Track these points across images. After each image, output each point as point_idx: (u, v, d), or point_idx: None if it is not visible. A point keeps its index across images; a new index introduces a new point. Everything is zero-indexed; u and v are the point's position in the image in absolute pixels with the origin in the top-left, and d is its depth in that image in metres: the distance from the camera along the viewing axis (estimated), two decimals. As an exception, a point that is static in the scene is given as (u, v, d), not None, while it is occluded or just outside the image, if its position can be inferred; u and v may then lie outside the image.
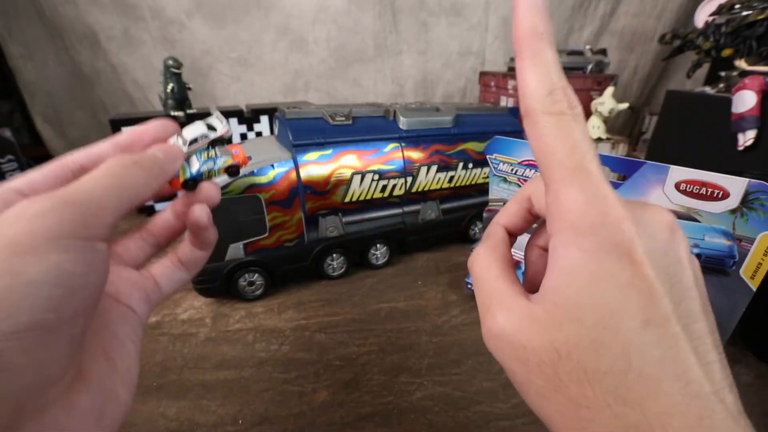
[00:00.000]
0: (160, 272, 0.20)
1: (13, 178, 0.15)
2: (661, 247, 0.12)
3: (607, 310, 0.11)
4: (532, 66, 0.13)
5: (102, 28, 0.79)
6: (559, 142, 0.12)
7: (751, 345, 0.38)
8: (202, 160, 0.20)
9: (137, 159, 0.15)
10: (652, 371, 0.10)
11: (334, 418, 0.31)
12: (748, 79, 0.47)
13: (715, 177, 0.31)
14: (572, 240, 0.12)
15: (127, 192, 0.14)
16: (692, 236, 0.33)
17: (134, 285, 0.18)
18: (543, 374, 0.12)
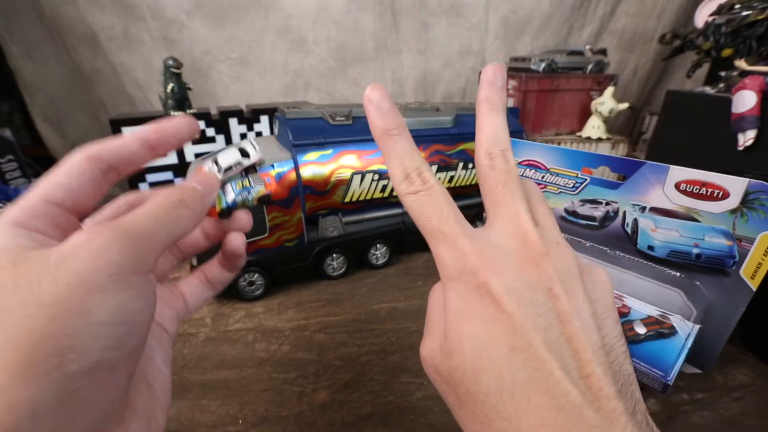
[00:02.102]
0: (189, 290, 0.20)
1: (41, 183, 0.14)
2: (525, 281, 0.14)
3: (480, 341, 0.13)
4: (390, 159, 0.17)
5: (102, 28, 0.79)
6: (419, 215, 0.16)
7: (751, 345, 0.38)
8: (237, 189, 0.20)
9: (183, 197, 0.16)
10: (523, 389, 0.12)
11: (334, 418, 0.31)
12: (748, 79, 0.47)
13: (715, 177, 0.31)
14: (449, 286, 0.15)
15: (174, 229, 0.15)
16: (692, 236, 0.33)
17: (166, 304, 0.19)
18: (450, 394, 0.14)
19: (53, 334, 0.11)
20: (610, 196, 0.37)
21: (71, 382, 0.11)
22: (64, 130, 0.88)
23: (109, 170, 0.15)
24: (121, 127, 0.61)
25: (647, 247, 0.36)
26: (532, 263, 0.14)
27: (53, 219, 0.14)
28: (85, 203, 0.15)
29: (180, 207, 0.15)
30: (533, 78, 0.80)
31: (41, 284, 0.11)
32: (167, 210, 0.15)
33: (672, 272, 0.36)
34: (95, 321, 0.11)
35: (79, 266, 0.12)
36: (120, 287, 0.12)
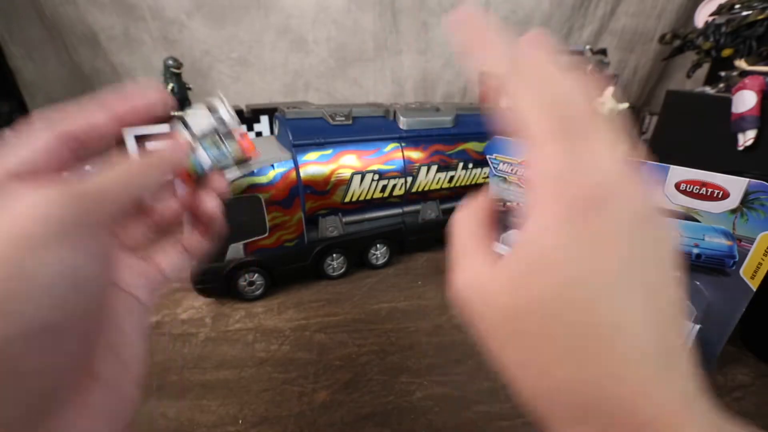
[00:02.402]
0: (165, 259, 0.19)
1: (5, 157, 0.13)
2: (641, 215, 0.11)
3: (560, 279, 0.11)
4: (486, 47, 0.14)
5: (102, 28, 0.79)
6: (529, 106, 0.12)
7: (751, 345, 0.38)
8: (212, 152, 0.19)
9: (150, 161, 0.16)
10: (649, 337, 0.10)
11: (334, 418, 0.31)
12: (748, 79, 0.47)
13: (715, 177, 0.31)
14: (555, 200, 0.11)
15: (135, 188, 0.15)
16: (692, 236, 0.33)
17: (138, 273, 0.17)
18: (504, 326, 0.12)
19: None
20: (610, 196, 0.37)
21: (9, 346, 0.10)
22: (64, 130, 0.88)
23: (78, 146, 0.14)
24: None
25: (647, 247, 0.36)
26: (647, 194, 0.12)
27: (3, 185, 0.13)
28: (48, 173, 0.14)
29: (146, 168, 0.15)
30: (533, 78, 0.80)
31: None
32: (124, 168, 0.15)
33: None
34: (33, 279, 0.10)
35: (17, 223, 0.11)
36: (62, 243, 0.11)
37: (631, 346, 0.10)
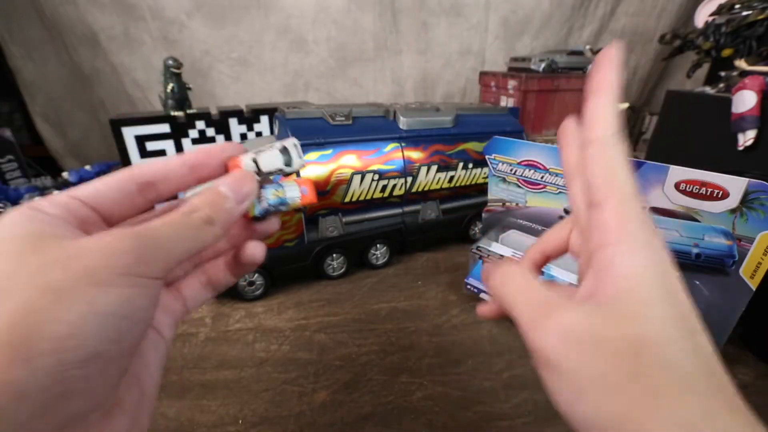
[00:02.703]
0: (189, 293, 0.19)
1: (80, 187, 0.15)
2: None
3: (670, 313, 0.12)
4: (609, 105, 0.15)
5: (102, 28, 0.79)
6: (620, 171, 0.14)
7: (751, 345, 0.38)
8: (272, 199, 0.18)
9: (211, 213, 0.15)
10: (710, 368, 0.12)
11: (334, 418, 0.31)
12: (748, 79, 0.47)
13: (715, 177, 0.31)
14: (637, 250, 0.13)
15: (195, 245, 0.15)
16: (692, 236, 0.33)
17: (166, 310, 0.18)
18: (620, 366, 0.12)
19: (55, 318, 0.11)
20: (610, 196, 0.37)
21: (65, 369, 0.11)
22: (64, 130, 0.88)
23: (147, 185, 0.16)
24: (121, 127, 0.61)
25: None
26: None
27: (74, 210, 0.14)
28: (115, 210, 0.15)
29: (205, 225, 0.15)
30: (533, 78, 0.80)
31: (52, 271, 0.11)
32: (191, 226, 0.15)
33: (672, 272, 0.36)
34: (99, 311, 0.12)
35: (91, 261, 0.12)
36: (126, 284, 0.12)
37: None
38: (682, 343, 0.12)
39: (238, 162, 0.18)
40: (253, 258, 0.19)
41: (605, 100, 0.15)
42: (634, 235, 0.13)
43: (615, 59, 0.15)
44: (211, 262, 0.20)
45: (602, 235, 0.14)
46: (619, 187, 0.14)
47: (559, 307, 0.14)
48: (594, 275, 0.14)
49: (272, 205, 0.19)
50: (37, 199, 0.14)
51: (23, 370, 0.10)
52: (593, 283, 0.14)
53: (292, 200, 0.19)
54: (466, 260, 0.49)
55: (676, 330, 0.12)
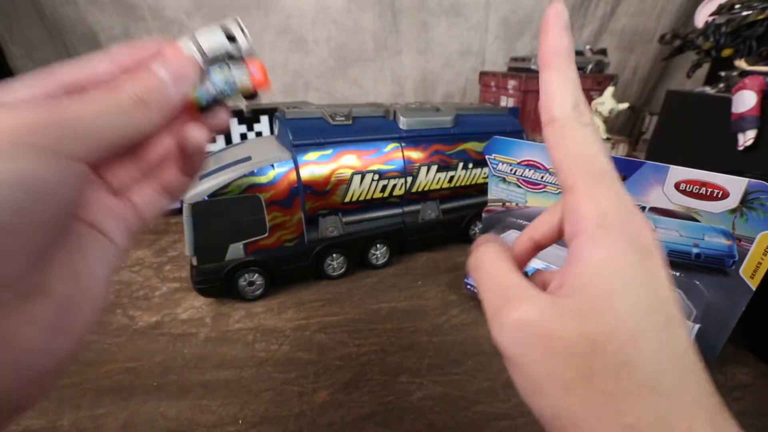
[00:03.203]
0: (142, 200, 0.18)
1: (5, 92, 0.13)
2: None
3: (639, 304, 0.12)
4: (560, 79, 0.13)
5: (102, 28, 0.79)
6: (585, 148, 0.13)
7: (751, 345, 0.38)
8: (219, 82, 0.16)
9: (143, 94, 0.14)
10: (680, 364, 0.11)
11: (334, 418, 0.31)
12: (748, 79, 0.47)
13: (715, 177, 0.31)
14: (601, 238, 0.12)
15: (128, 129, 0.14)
16: (692, 236, 0.33)
17: (113, 213, 0.17)
18: (572, 365, 0.12)
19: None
20: (610, 196, 0.37)
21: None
22: (64, 130, 0.88)
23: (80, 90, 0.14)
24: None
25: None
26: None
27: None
28: None
29: (137, 106, 0.14)
30: (533, 78, 0.80)
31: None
32: (119, 105, 0.13)
33: (671, 272, 0.36)
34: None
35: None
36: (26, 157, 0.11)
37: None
38: (648, 339, 0.11)
39: (177, 45, 0.16)
40: (196, 142, 0.17)
41: (556, 72, 0.14)
42: (605, 219, 0.12)
43: (560, 19, 0.14)
44: (161, 165, 0.18)
45: (574, 222, 0.13)
46: (586, 168, 0.13)
47: (518, 298, 0.13)
48: (565, 265, 0.13)
49: (218, 89, 0.16)
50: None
51: None
52: (562, 273, 0.13)
53: (240, 81, 0.17)
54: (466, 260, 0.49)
55: (645, 323, 0.11)
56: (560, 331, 0.12)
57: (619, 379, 0.11)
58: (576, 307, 0.12)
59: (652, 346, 0.11)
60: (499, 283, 0.14)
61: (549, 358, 0.12)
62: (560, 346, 0.12)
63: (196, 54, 0.16)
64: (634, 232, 0.12)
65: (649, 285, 0.12)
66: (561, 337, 0.12)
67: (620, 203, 0.12)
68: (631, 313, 0.11)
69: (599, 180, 0.13)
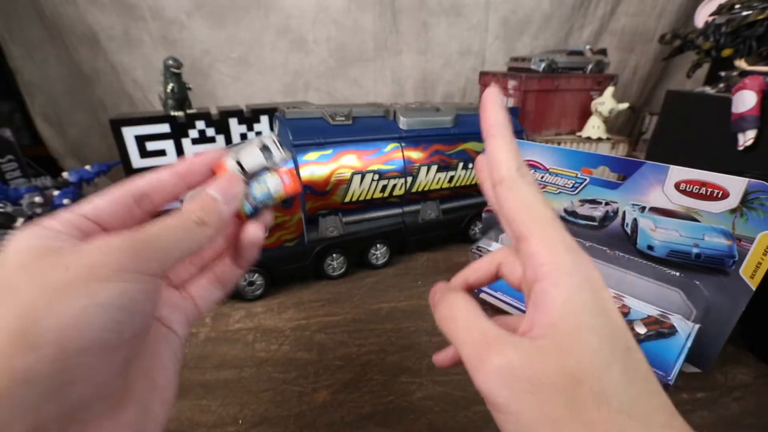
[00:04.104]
0: (199, 293, 0.20)
1: (81, 203, 0.16)
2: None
3: (603, 335, 0.13)
4: (504, 147, 0.16)
5: (102, 28, 0.79)
6: (532, 202, 0.15)
7: (751, 345, 0.38)
8: (258, 195, 0.19)
9: (203, 216, 0.17)
10: (647, 389, 0.12)
11: (334, 418, 0.31)
12: (748, 79, 0.47)
13: (715, 177, 0.31)
14: (561, 279, 0.14)
15: (190, 246, 0.16)
16: (692, 236, 0.33)
17: (176, 308, 0.19)
18: (559, 403, 0.12)
19: (56, 311, 0.12)
20: (610, 196, 0.37)
21: (68, 356, 0.12)
22: (64, 130, 0.88)
23: (143, 196, 0.17)
24: (121, 127, 0.61)
25: (647, 246, 0.36)
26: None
27: (77, 224, 0.15)
28: (116, 223, 0.16)
29: (198, 227, 0.16)
30: (533, 78, 0.80)
31: (53, 272, 0.13)
32: (185, 227, 0.16)
33: (671, 272, 0.36)
34: (97, 303, 0.13)
35: (90, 260, 0.13)
36: (123, 279, 0.13)
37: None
38: (617, 367, 0.12)
39: (223, 165, 0.19)
40: (252, 238, 0.20)
41: (500, 140, 0.16)
42: (562, 263, 0.14)
43: (496, 100, 0.16)
44: (215, 261, 0.21)
45: (534, 267, 0.14)
46: (538, 219, 0.15)
47: (497, 344, 0.14)
48: (532, 308, 0.14)
49: (259, 201, 0.19)
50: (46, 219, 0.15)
51: (30, 357, 0.11)
52: (531, 317, 0.14)
53: (276, 192, 0.20)
54: (466, 260, 0.49)
55: (610, 354, 0.12)
56: (543, 371, 0.13)
57: (599, 407, 0.12)
58: (552, 344, 0.13)
59: (621, 373, 0.12)
60: (477, 332, 0.15)
61: (535, 398, 0.12)
62: (545, 383, 0.12)
63: (239, 172, 0.19)
64: (586, 271, 0.14)
65: (606, 316, 0.13)
66: (544, 376, 0.12)
67: (570, 246, 0.14)
68: (599, 344, 0.13)
69: (549, 227, 0.14)
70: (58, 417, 0.12)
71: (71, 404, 0.12)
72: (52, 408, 0.12)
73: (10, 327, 0.11)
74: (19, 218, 0.60)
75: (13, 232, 0.56)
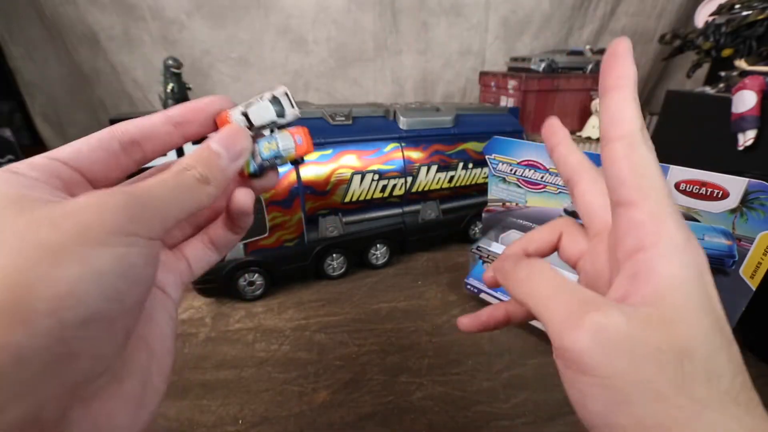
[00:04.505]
0: (193, 253, 0.19)
1: (60, 148, 0.14)
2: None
3: (713, 320, 0.12)
4: (631, 102, 0.14)
5: (102, 28, 0.79)
6: (650, 169, 0.13)
7: (751, 345, 0.38)
8: (266, 152, 0.18)
9: (204, 172, 0.15)
10: (744, 381, 0.12)
11: (334, 418, 0.31)
12: (748, 79, 0.47)
13: (715, 177, 0.31)
14: (674, 255, 0.13)
15: (190, 205, 0.15)
16: (692, 236, 0.33)
17: (170, 269, 0.18)
18: (663, 373, 0.11)
19: (51, 277, 0.10)
20: (610, 196, 0.37)
21: (66, 330, 0.10)
22: (64, 130, 0.88)
23: (132, 144, 0.15)
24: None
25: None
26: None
27: (55, 172, 0.13)
28: (100, 171, 0.15)
29: (200, 184, 0.15)
30: (533, 78, 0.80)
31: (42, 229, 0.11)
32: (187, 186, 0.14)
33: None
34: (94, 270, 0.11)
35: (83, 219, 0.11)
36: (120, 244, 0.12)
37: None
38: (723, 354, 0.12)
39: (228, 117, 0.17)
40: (240, 206, 0.18)
41: (627, 94, 0.14)
42: (673, 237, 0.13)
43: (628, 52, 0.15)
44: (211, 221, 0.19)
45: (638, 237, 0.13)
46: (653, 186, 0.13)
47: (596, 304, 0.13)
48: (628, 279, 0.13)
49: (266, 160, 0.18)
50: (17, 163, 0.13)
51: (22, 332, 0.10)
52: (626, 287, 0.13)
53: (286, 151, 0.18)
54: (466, 260, 0.49)
55: (717, 339, 0.12)
56: (649, 338, 0.12)
57: (710, 387, 0.11)
58: (660, 314, 0.12)
59: (728, 359, 0.12)
60: (569, 293, 0.14)
61: (638, 365, 0.12)
62: (649, 354, 0.12)
63: (245, 126, 0.17)
64: (695, 251, 0.13)
65: (712, 301, 0.13)
66: (650, 344, 0.12)
67: (681, 223, 0.13)
68: (711, 326, 0.12)
69: (663, 197, 0.13)
70: (57, 395, 0.11)
71: (71, 381, 0.11)
72: (50, 387, 0.11)
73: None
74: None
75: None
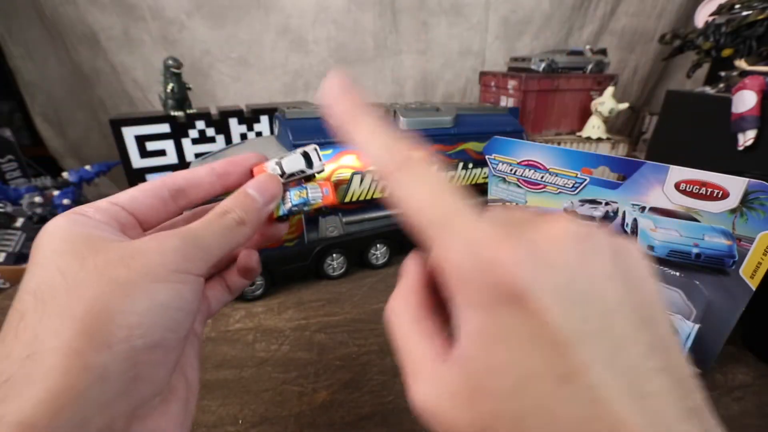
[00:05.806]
0: (212, 293, 0.21)
1: (119, 194, 0.16)
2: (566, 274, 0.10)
3: (520, 374, 0.10)
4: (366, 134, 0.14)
5: (102, 28, 0.79)
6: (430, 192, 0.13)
7: (751, 345, 0.38)
8: (295, 199, 0.20)
9: (243, 216, 0.17)
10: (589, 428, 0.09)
11: (334, 418, 0.31)
12: (748, 79, 0.47)
13: (714, 177, 0.31)
14: (468, 298, 0.11)
15: (230, 245, 0.16)
16: (692, 236, 0.33)
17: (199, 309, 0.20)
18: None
19: (125, 309, 0.12)
20: (610, 196, 0.37)
21: (136, 354, 0.12)
22: (64, 130, 0.88)
23: (179, 192, 0.17)
24: (121, 127, 0.61)
25: (647, 246, 0.36)
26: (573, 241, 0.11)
27: (115, 215, 0.15)
28: (150, 215, 0.17)
29: (238, 226, 0.17)
30: (533, 78, 0.80)
31: (117, 268, 0.13)
32: (228, 227, 0.16)
33: (671, 272, 0.36)
34: (159, 303, 0.13)
35: (149, 259, 0.13)
36: (178, 280, 0.14)
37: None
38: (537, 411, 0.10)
39: (263, 167, 0.19)
40: (250, 265, 0.20)
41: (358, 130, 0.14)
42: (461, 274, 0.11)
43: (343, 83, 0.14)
44: (228, 264, 0.22)
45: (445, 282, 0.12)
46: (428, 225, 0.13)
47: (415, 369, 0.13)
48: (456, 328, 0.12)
49: (296, 206, 0.20)
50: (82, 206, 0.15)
51: (106, 354, 0.12)
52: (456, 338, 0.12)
53: (314, 200, 0.20)
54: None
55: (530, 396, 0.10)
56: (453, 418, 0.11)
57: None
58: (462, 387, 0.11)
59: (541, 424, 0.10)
60: (401, 347, 0.14)
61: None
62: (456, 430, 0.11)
63: (278, 172, 0.19)
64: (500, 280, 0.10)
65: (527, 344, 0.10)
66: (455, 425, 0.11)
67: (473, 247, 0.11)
68: (512, 391, 0.10)
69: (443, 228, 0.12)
70: (126, 413, 0.12)
71: (137, 401, 0.13)
72: (122, 405, 0.12)
73: (82, 322, 0.12)
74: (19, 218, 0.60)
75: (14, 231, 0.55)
